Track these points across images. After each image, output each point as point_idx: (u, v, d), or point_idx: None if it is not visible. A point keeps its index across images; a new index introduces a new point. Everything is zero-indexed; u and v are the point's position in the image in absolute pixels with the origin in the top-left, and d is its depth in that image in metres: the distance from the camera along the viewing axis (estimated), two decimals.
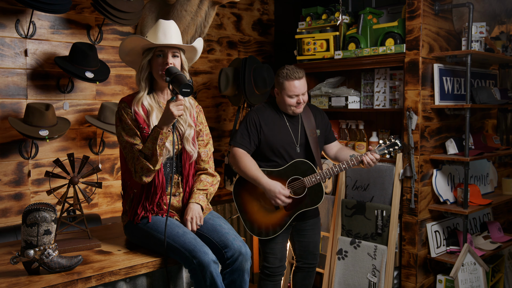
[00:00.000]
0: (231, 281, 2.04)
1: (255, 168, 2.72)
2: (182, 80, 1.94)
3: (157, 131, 1.99)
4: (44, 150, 3.03)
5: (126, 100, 2.15)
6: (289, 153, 2.80)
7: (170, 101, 1.96)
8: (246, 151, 2.77)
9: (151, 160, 2.02)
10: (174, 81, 1.96)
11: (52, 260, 1.84)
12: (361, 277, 3.30)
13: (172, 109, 1.95)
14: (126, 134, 2.09)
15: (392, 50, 3.18)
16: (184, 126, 2.18)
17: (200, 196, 2.21)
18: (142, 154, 2.03)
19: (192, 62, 2.36)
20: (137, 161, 2.04)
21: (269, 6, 4.45)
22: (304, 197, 2.75)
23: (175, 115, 1.96)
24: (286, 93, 2.76)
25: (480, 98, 3.19)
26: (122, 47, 2.17)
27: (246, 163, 2.72)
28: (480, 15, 3.42)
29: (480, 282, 3.09)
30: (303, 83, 2.77)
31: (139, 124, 2.10)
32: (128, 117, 2.10)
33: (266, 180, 2.68)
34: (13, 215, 2.92)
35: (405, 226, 3.21)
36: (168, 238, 2.02)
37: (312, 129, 2.87)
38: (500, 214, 3.87)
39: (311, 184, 2.73)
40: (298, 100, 2.77)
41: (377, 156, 2.70)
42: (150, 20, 3.37)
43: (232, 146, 2.82)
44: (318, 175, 2.72)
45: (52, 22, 3.04)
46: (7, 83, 2.88)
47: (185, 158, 2.20)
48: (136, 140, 2.08)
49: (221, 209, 3.87)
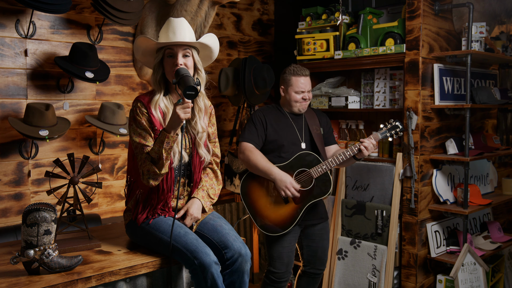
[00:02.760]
0: (231, 282, 2.04)
1: (266, 160, 2.76)
2: (188, 82, 1.89)
3: (164, 134, 1.95)
4: (44, 150, 3.03)
5: (142, 99, 2.10)
6: (295, 149, 2.83)
7: (177, 104, 1.91)
8: (255, 145, 2.80)
9: (157, 164, 1.99)
10: (180, 83, 1.91)
11: (52, 260, 1.84)
12: (361, 277, 3.30)
13: (179, 112, 1.90)
14: (138, 135, 2.06)
15: (392, 50, 3.18)
16: (195, 129, 2.14)
17: (206, 198, 2.21)
18: (149, 157, 2.01)
19: (210, 61, 2.29)
20: (144, 164, 2.02)
21: (269, 6, 4.45)
22: (313, 189, 2.76)
23: (182, 118, 1.91)
24: (293, 89, 2.83)
25: (480, 98, 3.19)
26: (135, 49, 2.15)
27: (256, 156, 2.76)
28: (480, 15, 3.42)
29: (480, 282, 3.09)
30: (309, 81, 2.87)
31: (153, 126, 2.07)
32: (143, 117, 2.07)
33: (277, 170, 2.72)
34: (13, 215, 2.92)
35: (405, 226, 3.21)
36: (169, 238, 2.01)
37: (316, 126, 2.93)
38: (500, 214, 3.87)
39: (318, 174, 2.74)
40: (304, 96, 2.84)
41: (373, 142, 2.72)
42: (150, 20, 3.37)
43: (240, 142, 2.85)
44: (324, 164, 2.74)
45: (52, 22, 3.04)
46: (7, 83, 2.88)
47: (196, 162, 2.17)
48: (148, 142, 2.05)
49: (221, 209, 3.87)
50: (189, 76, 1.94)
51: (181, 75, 1.94)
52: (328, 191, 2.77)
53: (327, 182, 2.77)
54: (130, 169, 2.23)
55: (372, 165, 3.36)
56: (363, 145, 2.70)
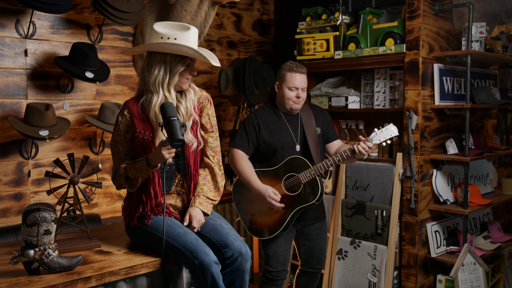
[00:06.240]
0: (231, 281, 2.04)
1: (249, 172, 2.73)
2: (176, 134, 1.88)
3: (144, 166, 2.01)
4: (44, 150, 3.03)
5: (130, 105, 2.14)
6: (289, 152, 2.79)
7: (163, 145, 1.94)
8: (244, 152, 2.78)
9: (130, 184, 2.10)
10: (167, 129, 1.92)
11: (52, 260, 1.84)
12: (361, 277, 3.30)
13: (163, 153, 1.95)
14: (115, 142, 2.16)
15: (392, 50, 3.18)
16: (184, 116, 2.13)
17: (204, 203, 2.19)
18: (124, 174, 2.10)
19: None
20: (118, 178, 2.13)
21: (269, 6, 4.45)
22: (300, 194, 2.72)
23: (166, 158, 1.97)
24: (286, 85, 2.77)
25: (480, 98, 3.19)
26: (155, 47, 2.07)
27: (241, 165, 2.75)
28: (480, 15, 3.42)
29: (480, 282, 3.09)
30: (304, 79, 2.80)
31: (135, 128, 2.11)
32: (124, 123, 2.14)
33: (257, 184, 2.70)
34: (13, 215, 2.92)
35: (405, 226, 3.21)
36: (169, 238, 2.01)
37: (312, 127, 2.86)
38: (500, 214, 3.87)
39: (306, 179, 2.69)
40: (297, 94, 2.77)
41: (369, 145, 2.58)
42: (150, 20, 3.37)
43: (231, 147, 2.83)
44: (312, 170, 2.67)
45: (52, 22, 3.04)
46: (7, 83, 2.88)
47: (188, 154, 2.16)
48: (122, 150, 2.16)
49: (221, 209, 3.87)
50: (176, 120, 1.92)
51: (168, 117, 1.92)
52: (316, 197, 2.68)
53: (315, 188, 2.69)
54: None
55: (372, 165, 3.36)
56: (358, 148, 2.58)
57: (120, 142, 2.15)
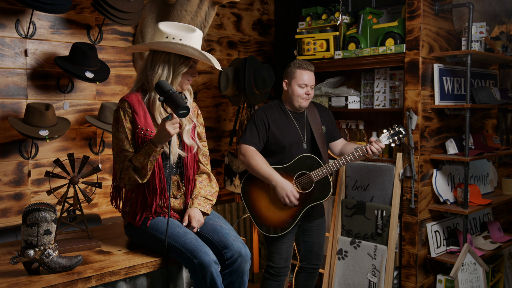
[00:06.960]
0: (230, 282, 2.04)
1: (267, 166, 2.75)
2: (178, 102, 1.86)
3: (151, 148, 1.95)
4: (44, 150, 3.03)
5: (130, 100, 2.09)
6: (297, 149, 2.83)
7: (166, 119, 1.90)
8: (256, 148, 2.80)
9: (140, 173, 2.01)
10: (169, 101, 1.89)
11: (52, 260, 1.84)
12: (361, 277, 3.30)
13: (168, 129, 1.90)
14: (119, 139, 2.07)
15: (392, 50, 3.18)
16: (183, 121, 2.14)
17: (203, 203, 2.19)
18: (132, 165, 2.01)
19: None
20: (126, 172, 2.02)
21: (269, 6, 4.45)
22: (312, 192, 2.77)
23: (172, 134, 1.92)
24: (296, 82, 2.81)
25: (480, 98, 3.19)
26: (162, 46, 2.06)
27: (257, 161, 2.75)
28: (480, 15, 3.42)
29: (480, 282, 3.09)
30: (313, 76, 2.86)
31: (137, 125, 2.07)
32: (127, 119, 2.08)
33: (278, 177, 2.72)
34: (13, 215, 2.92)
35: (405, 226, 3.21)
36: (169, 238, 2.01)
37: (318, 125, 2.92)
38: (500, 214, 3.87)
39: (318, 178, 2.74)
40: (307, 91, 2.82)
41: (382, 145, 2.72)
42: (150, 20, 3.37)
43: (240, 143, 2.83)
44: (324, 168, 2.74)
45: (52, 22, 3.04)
46: (7, 83, 2.88)
47: (187, 158, 2.16)
48: (129, 147, 2.06)
49: (221, 209, 3.87)
50: (175, 92, 1.91)
51: (166, 91, 1.91)
52: (328, 195, 2.77)
53: (327, 186, 2.77)
54: (115, 172, 2.19)
55: (372, 165, 3.36)
56: (371, 149, 2.69)
57: (125, 139, 2.05)
